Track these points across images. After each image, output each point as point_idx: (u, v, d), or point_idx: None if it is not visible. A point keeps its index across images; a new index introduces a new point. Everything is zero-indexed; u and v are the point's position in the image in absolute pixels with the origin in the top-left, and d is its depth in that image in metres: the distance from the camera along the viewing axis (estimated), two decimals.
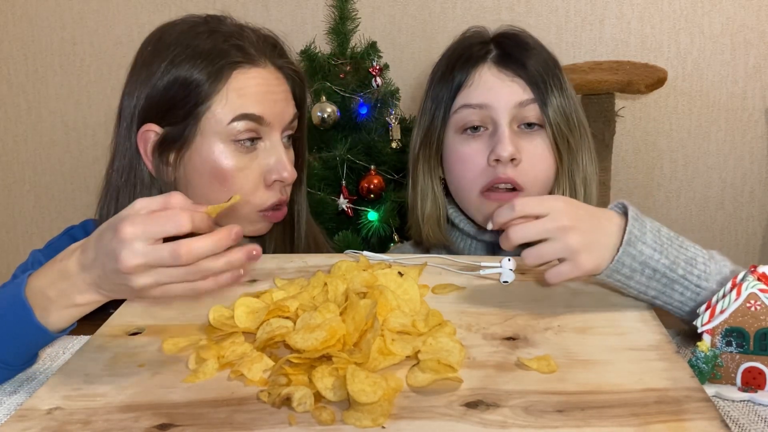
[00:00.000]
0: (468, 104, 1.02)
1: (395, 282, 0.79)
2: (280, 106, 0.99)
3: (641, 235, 0.76)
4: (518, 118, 1.00)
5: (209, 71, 0.95)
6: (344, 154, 1.88)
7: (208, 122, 0.96)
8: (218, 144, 0.96)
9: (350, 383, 0.60)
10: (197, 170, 0.97)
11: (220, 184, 0.97)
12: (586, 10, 2.29)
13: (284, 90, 1.01)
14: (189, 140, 0.96)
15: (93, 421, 0.61)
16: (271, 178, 0.98)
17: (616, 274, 0.76)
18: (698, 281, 0.78)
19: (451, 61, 1.05)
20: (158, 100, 0.96)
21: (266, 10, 2.32)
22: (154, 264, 0.65)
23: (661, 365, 0.66)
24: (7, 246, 2.56)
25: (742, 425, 0.66)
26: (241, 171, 0.97)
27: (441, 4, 2.30)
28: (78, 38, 2.38)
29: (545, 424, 0.58)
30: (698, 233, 2.42)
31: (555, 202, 0.76)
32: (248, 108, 0.96)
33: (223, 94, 0.95)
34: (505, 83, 1.01)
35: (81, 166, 2.48)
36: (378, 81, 1.95)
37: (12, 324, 0.73)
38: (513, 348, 0.70)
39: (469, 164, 1.02)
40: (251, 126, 0.96)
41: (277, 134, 0.99)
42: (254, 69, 0.98)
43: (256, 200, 0.99)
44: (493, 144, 0.99)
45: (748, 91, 2.31)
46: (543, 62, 1.03)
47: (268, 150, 0.99)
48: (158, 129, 0.97)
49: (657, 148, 2.37)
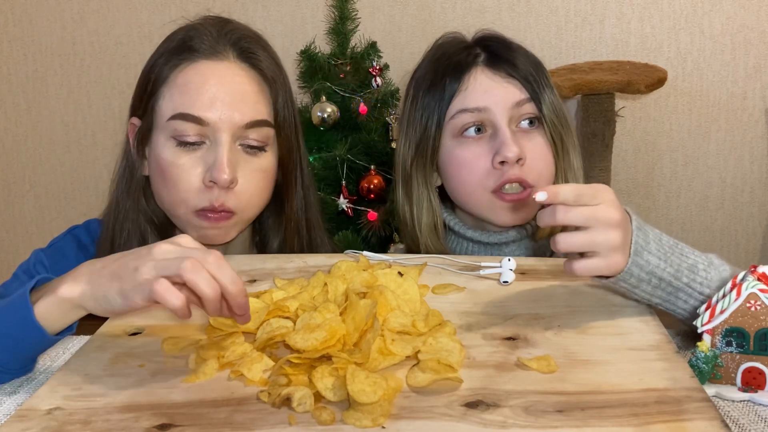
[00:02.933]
0: (465, 109, 1.01)
1: (395, 282, 0.79)
2: (232, 107, 0.93)
3: (646, 245, 0.75)
4: (516, 117, 1.01)
5: (162, 60, 0.95)
6: (344, 154, 1.88)
7: (156, 116, 0.95)
8: (161, 138, 0.95)
9: (350, 383, 0.60)
10: (151, 165, 0.98)
11: (162, 179, 0.95)
12: (586, 10, 2.29)
13: (246, 89, 0.95)
14: (150, 133, 0.97)
15: (93, 421, 0.61)
16: (206, 178, 0.92)
17: (622, 282, 0.76)
18: (701, 288, 0.78)
19: (438, 69, 1.04)
20: (136, 92, 0.98)
21: (266, 10, 2.32)
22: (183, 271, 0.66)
23: (661, 365, 0.66)
24: (7, 246, 2.56)
25: (742, 425, 0.66)
26: (177, 168, 0.93)
27: (441, 4, 2.30)
28: (78, 38, 2.38)
29: (545, 424, 0.58)
30: (698, 233, 2.42)
31: (605, 194, 0.73)
32: (186, 107, 0.92)
33: (169, 86, 0.94)
34: (501, 84, 1.01)
35: (81, 166, 2.48)
36: (378, 81, 1.95)
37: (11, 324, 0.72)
38: (513, 348, 0.70)
39: (473, 167, 1.01)
40: (189, 126, 0.92)
41: (224, 135, 0.92)
42: (209, 62, 0.94)
43: (191, 199, 0.94)
44: (496, 146, 0.99)
45: (748, 91, 2.31)
46: (531, 62, 1.03)
47: (210, 150, 0.93)
48: (137, 122, 0.98)
49: (657, 148, 2.37)
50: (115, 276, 0.69)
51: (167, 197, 0.96)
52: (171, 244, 0.70)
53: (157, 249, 0.69)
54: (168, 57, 0.95)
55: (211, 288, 0.65)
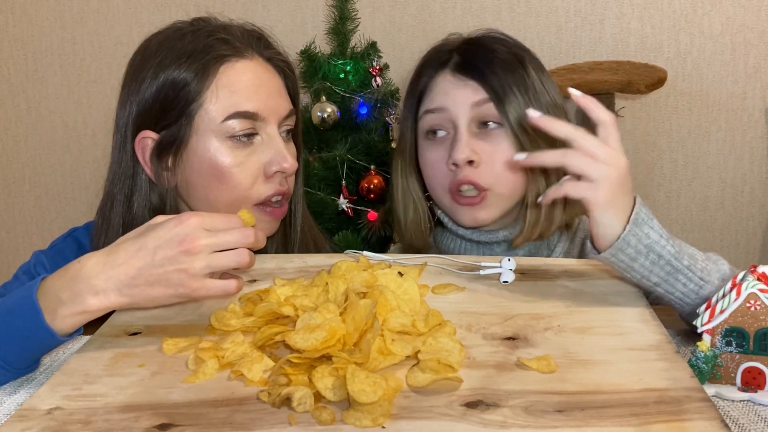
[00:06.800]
0: (428, 109, 1.04)
1: (395, 282, 0.79)
2: (275, 99, 0.98)
3: (648, 220, 0.78)
4: (476, 118, 1.01)
5: (195, 68, 0.94)
6: (344, 154, 1.88)
7: (201, 120, 0.95)
8: (213, 142, 0.95)
9: (350, 383, 0.60)
10: (195, 170, 0.97)
11: (219, 182, 0.96)
12: (586, 10, 2.29)
13: (277, 83, 1.00)
14: (185, 141, 0.96)
15: (93, 421, 0.61)
16: (272, 169, 0.97)
17: (620, 253, 0.77)
18: (702, 274, 0.79)
19: (418, 69, 1.09)
20: (150, 106, 0.96)
21: (266, 10, 2.32)
22: (220, 245, 0.71)
23: (661, 365, 0.66)
24: (7, 246, 2.56)
25: (742, 425, 0.66)
26: (238, 167, 0.96)
27: (441, 4, 2.30)
28: (78, 38, 2.39)
29: (545, 424, 0.58)
30: (698, 233, 2.42)
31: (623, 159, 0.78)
32: (241, 105, 0.95)
33: (213, 90, 0.94)
34: (459, 86, 1.02)
35: (81, 166, 2.48)
36: (378, 81, 1.95)
37: (20, 325, 0.72)
38: (513, 348, 0.70)
39: (435, 169, 1.04)
40: (246, 123, 0.95)
41: (273, 127, 0.98)
42: (242, 61, 0.97)
43: (254, 194, 0.97)
44: (451, 149, 1.01)
45: (748, 91, 2.31)
46: (504, 63, 1.02)
47: (265, 143, 0.97)
48: (154, 135, 0.96)
49: (657, 148, 2.37)
50: (157, 283, 0.70)
51: (227, 197, 0.96)
52: (178, 224, 0.71)
53: (187, 245, 0.70)
54: (200, 65, 0.95)
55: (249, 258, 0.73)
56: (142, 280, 0.70)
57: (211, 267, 0.71)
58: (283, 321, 0.74)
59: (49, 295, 0.72)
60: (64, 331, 0.73)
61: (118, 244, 0.73)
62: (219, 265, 0.71)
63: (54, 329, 0.72)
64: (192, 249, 0.69)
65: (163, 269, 0.70)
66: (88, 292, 0.71)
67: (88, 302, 0.71)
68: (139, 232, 0.73)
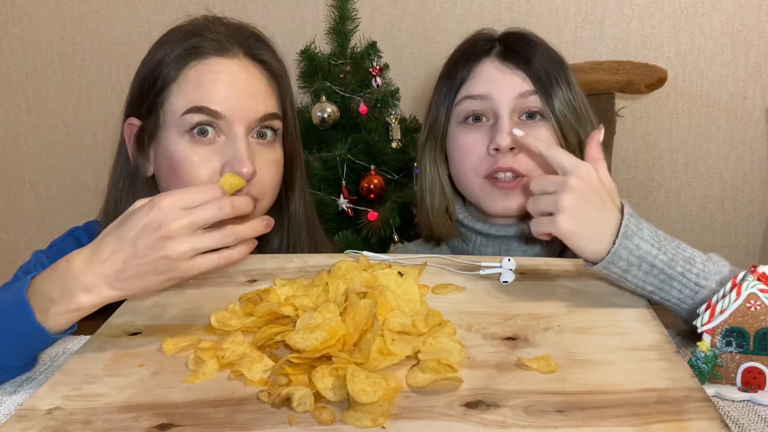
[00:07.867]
0: (470, 95, 1.04)
1: (395, 282, 0.79)
2: (247, 101, 0.95)
3: (638, 230, 0.77)
4: (519, 109, 1.02)
5: (171, 59, 0.95)
6: (344, 154, 1.88)
7: (165, 112, 0.95)
8: (173, 135, 0.94)
9: (350, 383, 0.60)
10: (159, 162, 0.97)
11: (175, 176, 0.94)
12: (586, 10, 2.29)
13: (258, 86, 0.97)
14: (156, 132, 0.96)
15: (93, 421, 0.61)
16: (225, 172, 0.92)
17: (612, 266, 0.77)
18: (697, 279, 0.78)
19: (455, 58, 1.08)
20: (136, 91, 0.97)
21: (266, 10, 2.32)
22: (197, 223, 0.68)
23: (661, 365, 0.66)
24: (7, 246, 2.56)
25: (742, 425, 0.66)
26: (192, 164, 0.93)
27: (441, 4, 2.30)
28: (78, 38, 2.38)
29: (545, 424, 0.58)
30: (698, 233, 2.42)
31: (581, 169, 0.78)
32: (202, 101, 0.93)
33: (180, 83, 0.94)
34: (507, 75, 1.03)
35: (81, 166, 2.48)
36: (378, 81, 1.95)
37: (12, 325, 0.72)
38: (513, 348, 0.70)
39: (469, 152, 1.04)
40: (204, 119, 0.93)
41: (240, 129, 0.94)
42: (219, 59, 0.95)
43: None
44: (493, 134, 1.00)
45: (748, 91, 2.31)
46: (548, 58, 1.05)
47: (228, 144, 0.94)
48: (137, 122, 0.98)
49: (657, 148, 2.37)
50: (146, 273, 0.69)
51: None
52: (151, 209, 0.69)
53: (164, 230, 0.68)
54: (176, 56, 0.95)
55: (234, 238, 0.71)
56: (130, 272, 0.69)
57: (196, 249, 0.69)
58: (283, 321, 0.74)
59: (40, 293, 0.71)
60: (56, 329, 0.72)
61: (101, 238, 0.72)
62: (204, 245, 0.69)
63: (46, 327, 0.71)
64: (170, 233, 0.67)
65: (147, 258, 0.68)
66: (79, 290, 0.70)
67: (79, 300, 0.70)
68: (118, 221, 0.72)
